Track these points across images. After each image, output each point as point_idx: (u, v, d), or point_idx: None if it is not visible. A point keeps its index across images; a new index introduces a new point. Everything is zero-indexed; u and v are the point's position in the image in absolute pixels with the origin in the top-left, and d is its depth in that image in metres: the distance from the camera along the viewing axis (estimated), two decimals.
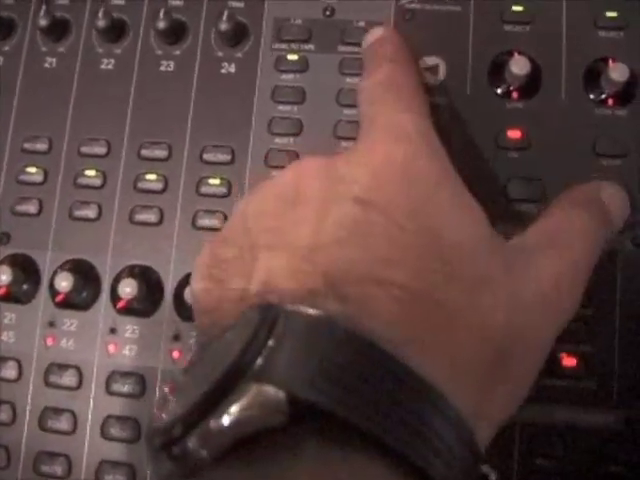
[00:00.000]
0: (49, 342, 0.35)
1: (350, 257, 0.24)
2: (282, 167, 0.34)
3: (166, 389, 0.24)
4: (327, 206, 0.25)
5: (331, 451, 0.20)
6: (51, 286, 0.35)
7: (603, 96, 0.34)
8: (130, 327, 0.34)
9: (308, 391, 0.20)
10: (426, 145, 0.27)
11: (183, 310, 0.34)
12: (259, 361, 0.20)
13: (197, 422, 0.20)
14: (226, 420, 0.20)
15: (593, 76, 0.34)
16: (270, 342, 0.21)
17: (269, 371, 0.20)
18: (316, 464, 0.20)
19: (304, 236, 0.24)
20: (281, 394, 0.20)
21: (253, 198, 0.27)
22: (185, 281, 0.34)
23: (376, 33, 0.34)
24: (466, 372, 0.23)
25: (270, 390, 0.20)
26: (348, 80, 0.35)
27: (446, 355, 0.23)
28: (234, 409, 0.20)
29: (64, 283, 0.34)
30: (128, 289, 0.33)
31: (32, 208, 0.36)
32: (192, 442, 0.20)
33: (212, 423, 0.20)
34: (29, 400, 0.35)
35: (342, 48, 0.36)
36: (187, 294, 0.33)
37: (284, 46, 0.36)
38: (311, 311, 0.22)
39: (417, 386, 0.21)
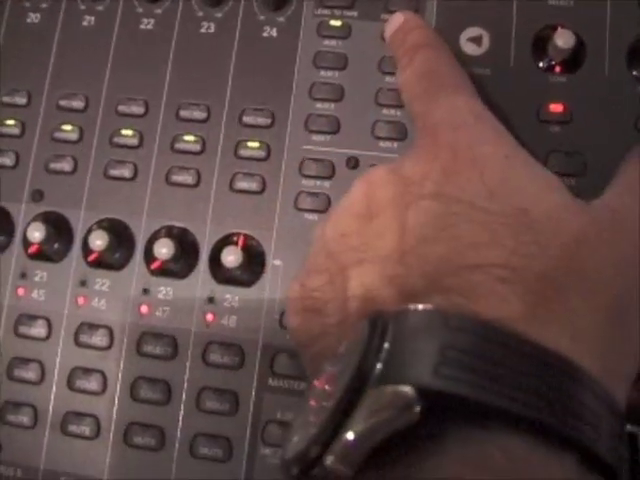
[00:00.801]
0: (80, 301, 0.35)
1: (441, 252, 0.24)
2: (322, 132, 0.34)
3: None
4: (404, 210, 0.25)
5: (475, 435, 0.20)
6: (84, 245, 0.35)
7: None
8: (164, 289, 0.34)
9: (435, 380, 0.20)
10: (484, 125, 0.28)
11: (218, 273, 0.34)
12: (379, 366, 0.20)
13: (331, 439, 0.20)
14: (359, 429, 0.20)
15: (637, 52, 0.34)
16: (386, 345, 0.21)
17: (392, 372, 0.20)
18: (463, 450, 0.20)
19: (390, 244, 0.25)
20: (409, 390, 0.19)
21: (329, 223, 0.28)
22: (221, 243, 0.34)
23: (396, 21, 0.33)
24: (589, 338, 0.23)
25: (397, 389, 0.20)
26: None
27: (565, 325, 0.22)
28: (365, 417, 0.20)
29: (98, 242, 0.33)
30: (164, 250, 0.33)
31: (66, 166, 0.36)
32: (330, 460, 0.20)
33: (346, 436, 0.20)
34: (58, 359, 0.34)
35: (385, 16, 0.35)
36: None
37: (327, 12, 0.36)
38: (420, 307, 0.22)
39: (546, 359, 0.21)
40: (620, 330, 0.24)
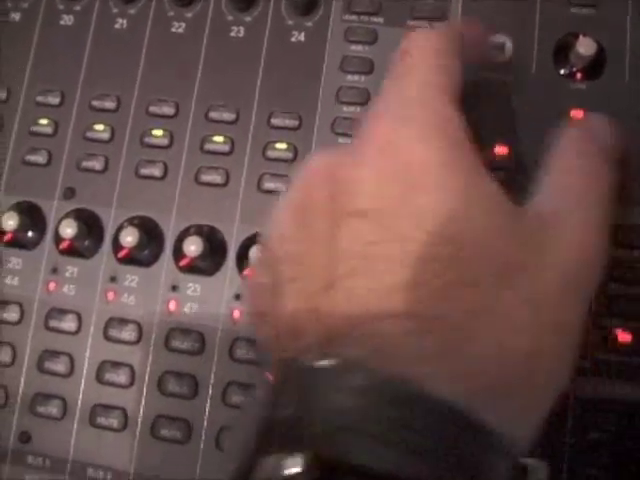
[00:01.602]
0: (110, 297, 0.35)
1: (362, 290, 0.22)
2: (349, 135, 0.35)
3: None
4: (335, 227, 0.24)
5: None
6: (114, 242, 0.36)
7: None
8: (192, 285, 0.35)
9: (333, 447, 0.20)
10: (433, 135, 0.25)
11: (244, 270, 0.35)
12: (279, 430, 0.21)
13: None
14: None
15: None
16: (288, 411, 0.21)
17: (293, 435, 0.20)
18: None
19: (319, 266, 0.23)
20: (308, 455, 0.19)
21: (273, 220, 0.27)
22: (248, 242, 0.35)
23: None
24: (500, 392, 0.22)
25: (296, 453, 0.20)
26: None
27: (467, 376, 0.22)
28: (264, 477, 0.20)
29: (129, 238, 0.34)
30: (193, 247, 0.34)
31: (98, 165, 0.36)
32: None
33: None
34: (87, 353, 0.35)
35: (411, 22, 0.36)
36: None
37: (354, 17, 0.36)
38: (327, 362, 0.21)
39: (447, 416, 0.21)
40: (537, 374, 0.23)
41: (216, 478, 0.34)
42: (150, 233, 0.35)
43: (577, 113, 0.35)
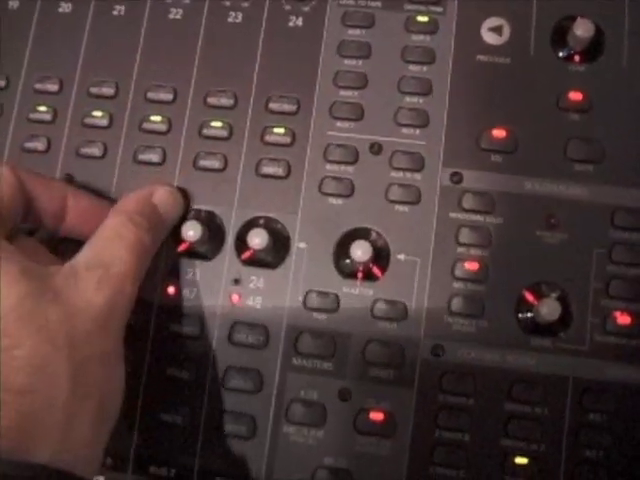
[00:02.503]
0: None
1: None
2: (346, 119, 0.35)
3: None
4: None
5: None
6: None
7: None
8: (191, 270, 0.35)
9: None
10: None
11: (243, 254, 0.35)
12: None
13: None
14: None
15: None
16: None
17: None
18: None
19: None
20: None
21: None
22: (247, 226, 0.35)
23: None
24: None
25: None
26: (413, 38, 0.36)
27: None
28: None
29: None
30: (191, 232, 0.34)
31: (97, 151, 0.37)
32: None
33: None
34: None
35: (408, 6, 0.36)
36: None
37: (351, 2, 0.36)
38: None
39: None
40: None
41: (215, 461, 0.34)
42: None
43: (575, 95, 0.35)
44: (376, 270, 0.34)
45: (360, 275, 0.34)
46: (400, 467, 0.33)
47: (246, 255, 0.34)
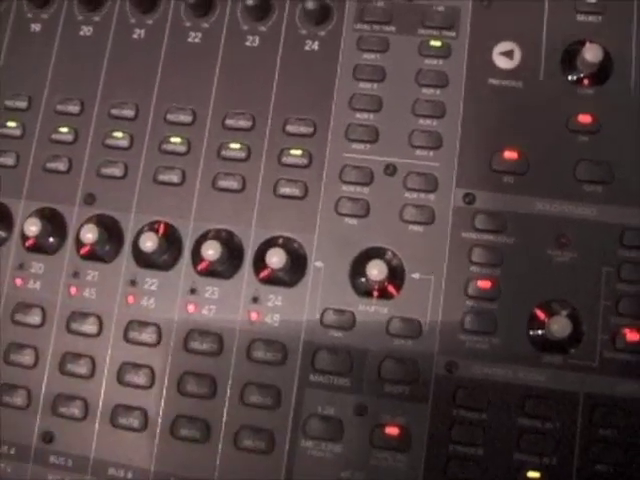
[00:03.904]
0: (130, 300, 0.36)
1: None
2: (362, 141, 0.36)
3: None
4: None
5: None
6: (134, 246, 0.37)
7: None
8: (210, 288, 0.36)
9: None
10: None
11: (261, 273, 0.36)
12: None
13: None
14: None
15: None
16: None
17: None
18: None
19: None
20: None
21: None
22: (265, 246, 0.36)
23: None
24: None
25: None
26: (427, 62, 0.37)
27: None
28: None
29: (149, 243, 0.35)
30: (211, 251, 0.35)
31: (117, 171, 0.37)
32: None
33: None
34: (108, 354, 0.36)
35: (422, 31, 0.37)
36: None
37: (366, 27, 0.37)
38: None
39: None
40: None
41: (234, 476, 0.35)
42: (169, 238, 0.36)
43: (585, 117, 0.36)
44: (391, 288, 0.35)
45: (376, 293, 0.35)
46: None
47: (264, 274, 0.35)
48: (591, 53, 0.35)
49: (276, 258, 0.34)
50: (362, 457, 0.34)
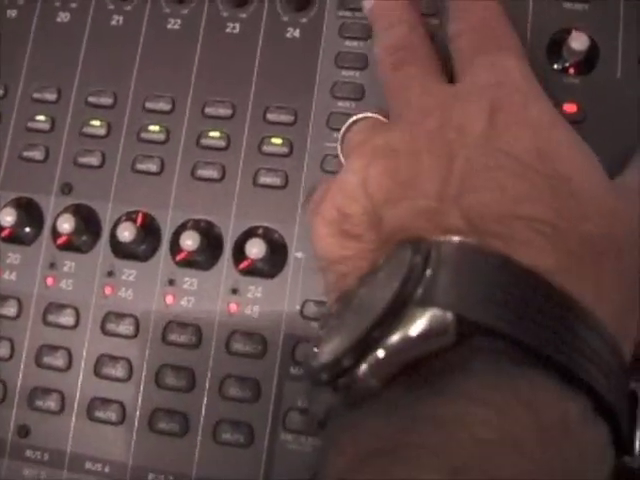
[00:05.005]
0: (107, 291, 0.36)
1: (484, 199, 0.25)
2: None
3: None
4: (450, 158, 0.26)
5: (503, 367, 0.22)
6: (111, 237, 0.36)
7: None
8: (189, 279, 0.35)
9: (475, 312, 0.21)
10: (535, 90, 0.29)
11: (240, 264, 0.35)
12: (420, 290, 0.21)
13: (367, 351, 0.21)
14: (395, 346, 0.21)
15: None
16: (428, 271, 0.22)
17: (433, 297, 0.21)
18: (490, 377, 0.21)
19: (431, 188, 0.26)
20: (449, 315, 0.21)
21: (374, 161, 0.28)
22: (244, 236, 0.35)
23: None
24: (611, 300, 0.24)
25: (438, 313, 0.21)
26: None
27: (593, 285, 0.24)
28: (402, 335, 0.21)
29: (126, 233, 0.34)
30: (189, 241, 0.34)
31: (95, 160, 0.37)
32: (362, 371, 0.21)
33: (381, 350, 0.21)
34: (85, 346, 0.36)
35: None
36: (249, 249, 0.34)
37: (348, 13, 0.37)
38: (462, 239, 0.23)
39: (572, 307, 0.22)
40: (636, 297, 0.26)
41: (212, 470, 0.34)
42: (147, 228, 0.36)
43: (570, 107, 0.35)
44: None
45: None
46: None
47: (244, 265, 0.35)
48: (577, 41, 0.35)
49: (256, 249, 0.34)
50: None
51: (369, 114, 0.33)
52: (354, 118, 0.33)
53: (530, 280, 0.22)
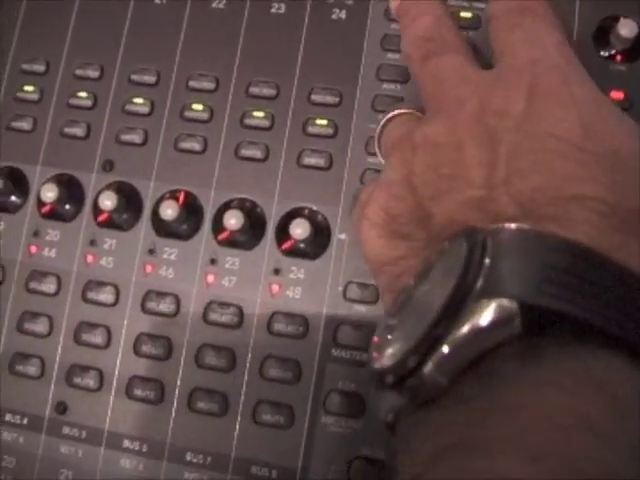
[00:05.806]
0: (148, 269, 0.36)
1: (534, 183, 0.24)
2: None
3: (375, 338, 0.24)
4: (495, 144, 0.26)
5: (573, 350, 0.21)
6: (153, 215, 0.36)
7: None
8: (231, 259, 0.35)
9: (538, 297, 0.20)
10: (575, 68, 0.28)
11: (283, 244, 0.35)
12: (480, 280, 0.21)
13: (431, 349, 0.21)
14: (461, 340, 0.21)
15: None
16: (486, 261, 0.21)
17: (493, 287, 0.21)
18: (561, 362, 0.21)
19: (479, 175, 0.25)
20: (513, 304, 0.20)
21: (417, 156, 0.28)
22: (287, 217, 0.35)
23: None
24: None
25: (501, 302, 0.20)
26: None
27: None
28: (467, 328, 0.21)
29: (169, 211, 0.34)
30: (233, 220, 0.34)
31: (137, 138, 0.37)
32: (428, 370, 0.21)
33: (447, 346, 0.21)
34: (125, 324, 0.35)
35: (452, 2, 0.36)
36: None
37: None
38: (517, 225, 0.23)
39: (636, 284, 0.22)
40: None
41: (251, 451, 0.34)
42: (189, 207, 0.35)
43: (617, 94, 0.35)
44: None
45: None
46: None
47: (287, 245, 0.35)
48: (626, 28, 0.35)
49: (300, 229, 0.33)
50: (383, 433, 0.33)
51: (403, 110, 0.32)
52: (388, 116, 0.33)
53: (593, 260, 0.22)
